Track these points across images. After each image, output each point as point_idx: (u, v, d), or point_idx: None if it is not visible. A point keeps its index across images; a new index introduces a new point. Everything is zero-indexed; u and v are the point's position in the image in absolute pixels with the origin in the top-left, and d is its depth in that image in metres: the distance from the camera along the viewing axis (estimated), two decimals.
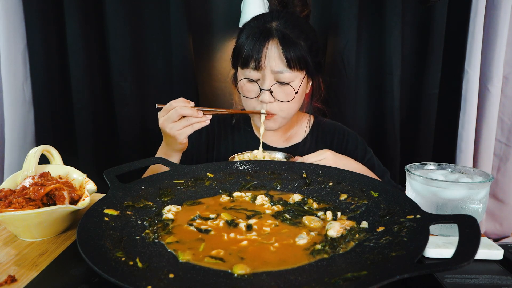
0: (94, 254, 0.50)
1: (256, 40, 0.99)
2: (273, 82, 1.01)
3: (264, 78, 1.01)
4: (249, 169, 0.87)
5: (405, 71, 1.57)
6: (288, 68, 0.99)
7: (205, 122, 0.97)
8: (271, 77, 1.00)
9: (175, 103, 0.95)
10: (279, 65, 0.99)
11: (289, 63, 0.98)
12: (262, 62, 0.98)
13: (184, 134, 0.96)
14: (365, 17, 1.52)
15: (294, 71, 1.00)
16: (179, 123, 0.95)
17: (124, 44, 1.57)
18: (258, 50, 0.98)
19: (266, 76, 1.00)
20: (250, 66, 1.00)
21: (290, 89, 1.01)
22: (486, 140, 1.60)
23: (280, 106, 1.04)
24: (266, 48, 0.98)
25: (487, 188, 0.70)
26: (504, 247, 0.64)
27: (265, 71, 0.99)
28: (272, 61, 0.98)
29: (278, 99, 1.02)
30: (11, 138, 1.56)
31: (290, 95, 1.02)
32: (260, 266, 0.53)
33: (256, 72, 1.01)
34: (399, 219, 0.59)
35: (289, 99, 1.02)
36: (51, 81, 1.61)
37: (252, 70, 1.00)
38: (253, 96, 1.04)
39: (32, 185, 0.70)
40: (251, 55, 0.99)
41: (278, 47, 0.98)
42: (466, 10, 1.49)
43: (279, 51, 0.98)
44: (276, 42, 0.98)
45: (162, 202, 0.74)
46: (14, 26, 1.50)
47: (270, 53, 0.98)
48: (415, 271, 0.42)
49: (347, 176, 0.79)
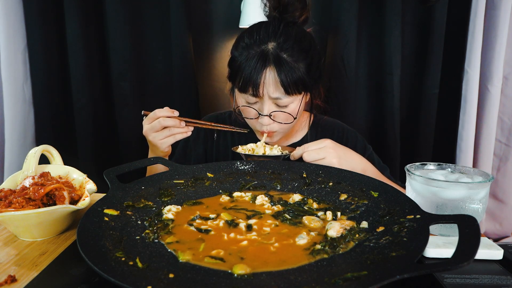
0: (94, 254, 0.50)
1: (253, 67, 0.97)
2: (271, 108, 1.01)
3: (263, 103, 1.01)
4: (249, 169, 0.87)
5: (405, 71, 1.57)
6: (286, 94, 0.98)
7: (187, 133, 1.00)
8: (270, 102, 1.01)
9: (159, 112, 0.97)
10: (277, 92, 0.98)
11: (287, 89, 0.97)
12: (260, 90, 0.98)
13: (166, 144, 0.99)
14: (365, 17, 1.52)
15: (292, 95, 0.99)
16: (161, 133, 0.98)
17: (124, 44, 1.57)
18: (256, 78, 0.97)
19: (264, 102, 1.00)
20: (248, 93, 1.00)
21: (289, 110, 1.02)
22: (486, 140, 1.60)
23: (279, 126, 1.05)
24: (263, 76, 0.97)
25: (487, 188, 0.70)
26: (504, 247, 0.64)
27: (263, 98, 1.00)
28: (269, 88, 0.98)
29: (277, 121, 1.04)
30: (11, 138, 1.56)
31: (289, 118, 1.03)
32: (260, 266, 0.53)
33: (254, 98, 1.01)
34: (399, 219, 0.59)
35: (288, 122, 1.04)
36: (51, 81, 1.61)
37: (251, 96, 1.00)
38: (253, 117, 1.05)
39: (32, 185, 0.70)
40: (249, 82, 0.98)
41: (275, 74, 0.96)
42: (466, 10, 1.49)
43: (276, 79, 0.97)
44: (273, 69, 0.96)
45: (162, 202, 0.74)
46: (14, 26, 1.51)
47: (267, 80, 0.97)
48: (415, 271, 0.42)
49: (347, 176, 0.79)
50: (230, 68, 1.07)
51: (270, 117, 1.02)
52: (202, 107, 1.69)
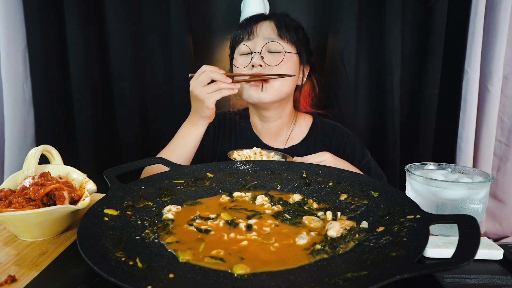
0: (94, 254, 0.50)
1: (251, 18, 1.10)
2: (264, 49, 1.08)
3: (255, 45, 1.08)
4: (249, 169, 0.87)
5: (405, 71, 1.57)
6: (279, 37, 1.07)
7: (234, 90, 1.00)
8: (262, 43, 1.07)
9: (206, 67, 0.99)
10: (271, 34, 1.07)
11: (280, 33, 1.07)
12: (254, 30, 1.07)
13: (212, 98, 0.98)
14: (365, 17, 1.52)
15: (284, 42, 1.08)
16: (208, 87, 0.98)
17: (124, 44, 1.57)
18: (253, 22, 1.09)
19: (257, 43, 1.08)
20: (243, 39, 1.09)
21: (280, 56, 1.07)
22: (486, 140, 1.59)
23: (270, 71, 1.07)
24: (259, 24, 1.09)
25: (487, 188, 0.70)
26: (504, 247, 0.64)
27: (256, 39, 1.08)
28: (264, 30, 1.08)
29: (268, 64, 1.07)
30: (11, 138, 1.56)
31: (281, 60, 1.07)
32: (260, 266, 0.53)
33: (249, 42, 1.08)
34: (399, 219, 0.59)
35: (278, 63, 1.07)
36: (51, 81, 1.61)
37: (246, 41, 1.08)
38: (244, 66, 1.09)
39: (32, 185, 0.70)
40: (246, 28, 1.09)
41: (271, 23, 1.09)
42: (466, 10, 1.49)
43: (272, 25, 1.08)
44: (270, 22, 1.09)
45: (162, 202, 0.74)
46: (14, 26, 1.50)
47: (263, 25, 1.09)
48: (415, 271, 0.42)
49: (347, 176, 0.79)
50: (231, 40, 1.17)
51: (261, 58, 1.06)
52: None
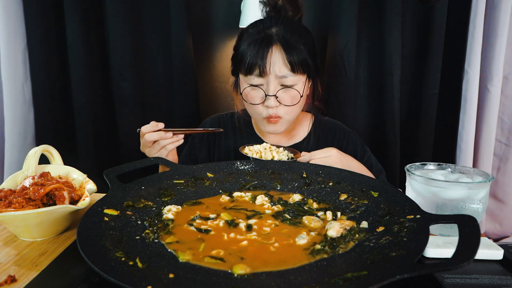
0: (94, 254, 0.50)
1: (259, 47, 1.00)
2: (278, 87, 1.02)
3: (268, 83, 1.02)
4: (249, 169, 0.87)
5: (405, 71, 1.57)
6: (292, 72, 1.00)
7: (178, 142, 1.03)
8: (276, 82, 1.02)
9: (144, 129, 1.02)
10: (283, 70, 1.00)
11: (293, 67, 1.00)
12: (266, 68, 0.99)
13: (162, 155, 1.02)
14: (365, 17, 1.52)
15: (297, 74, 1.01)
16: (153, 148, 1.02)
17: (124, 44, 1.57)
18: (262, 57, 0.99)
19: (270, 81, 1.01)
20: (254, 73, 1.01)
21: (294, 92, 1.03)
22: (486, 140, 1.60)
23: (285, 109, 1.05)
24: (270, 54, 0.99)
25: (487, 188, 0.70)
26: (504, 247, 0.64)
27: (269, 77, 1.01)
28: (276, 66, 0.99)
29: (283, 104, 1.04)
30: (11, 138, 1.56)
31: (295, 98, 1.03)
32: (260, 266, 0.53)
33: (260, 78, 1.02)
34: (399, 219, 0.59)
35: (294, 103, 1.04)
36: (51, 81, 1.61)
37: (256, 76, 1.02)
38: (258, 102, 1.05)
39: (32, 185, 0.70)
40: (255, 62, 1.00)
41: (281, 52, 0.99)
42: (466, 10, 1.49)
43: (283, 56, 0.99)
44: (279, 48, 0.99)
45: (162, 202, 0.74)
46: (14, 26, 1.51)
47: (274, 58, 0.99)
48: (415, 271, 0.42)
49: (347, 176, 0.79)
50: (234, 59, 1.09)
51: (276, 99, 1.02)
52: (202, 107, 1.69)
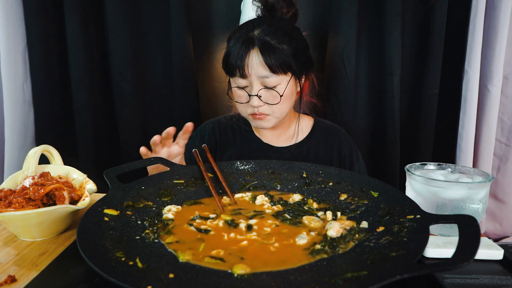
0: (94, 254, 0.50)
1: (238, 50, 1.02)
2: (259, 87, 1.04)
3: (251, 84, 1.04)
4: (249, 169, 0.87)
5: (405, 71, 1.57)
6: (272, 73, 1.02)
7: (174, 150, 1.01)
8: (258, 83, 1.03)
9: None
10: (262, 71, 1.01)
11: (272, 68, 1.01)
12: (246, 70, 1.02)
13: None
14: (365, 17, 1.52)
15: (279, 75, 1.03)
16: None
17: (124, 44, 1.57)
18: (241, 59, 1.01)
19: (253, 82, 1.03)
20: (236, 75, 1.04)
21: (277, 89, 1.04)
22: (486, 140, 1.59)
23: (271, 108, 1.06)
24: (248, 57, 1.01)
25: (487, 188, 0.70)
26: (504, 247, 0.64)
27: (251, 78, 1.03)
28: (255, 68, 1.02)
29: (266, 102, 1.05)
30: (11, 138, 1.56)
31: (277, 97, 1.05)
32: (260, 266, 0.53)
33: (243, 80, 1.04)
34: (399, 219, 0.59)
35: (277, 101, 1.05)
36: (51, 81, 1.61)
37: (239, 78, 1.04)
38: (244, 102, 1.07)
39: (32, 185, 0.70)
40: (236, 64, 1.02)
41: (259, 54, 1.01)
42: (466, 10, 1.49)
43: (260, 59, 1.01)
44: (257, 51, 1.01)
45: (162, 202, 0.74)
46: (14, 26, 1.50)
47: (251, 61, 1.01)
48: (415, 271, 0.42)
49: (347, 176, 0.79)
50: (223, 59, 1.10)
51: (259, 98, 1.04)
52: (202, 107, 1.69)
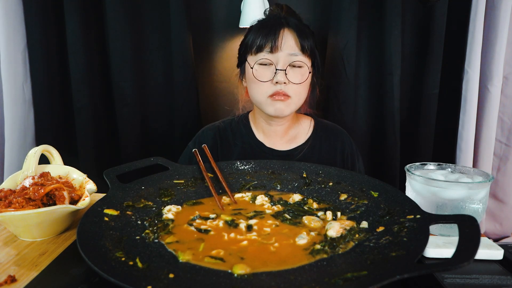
0: (94, 254, 0.50)
1: (271, 27, 1.06)
2: (287, 64, 1.05)
3: (278, 59, 1.05)
4: (249, 169, 0.87)
5: (405, 71, 1.57)
6: (302, 52, 1.05)
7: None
8: (286, 60, 1.05)
9: None
10: (294, 48, 1.05)
11: (303, 48, 1.05)
12: (278, 43, 1.04)
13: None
14: (365, 17, 1.52)
15: (306, 56, 1.06)
16: None
17: (124, 44, 1.57)
18: (275, 33, 1.04)
19: (280, 58, 1.05)
20: (264, 50, 1.05)
21: (303, 70, 1.06)
22: (486, 140, 1.59)
23: (294, 88, 1.07)
24: (282, 32, 1.05)
25: (487, 188, 0.70)
26: (504, 247, 0.64)
27: (279, 54, 1.04)
28: (288, 44, 1.04)
29: (292, 81, 1.05)
30: (11, 138, 1.56)
31: (304, 76, 1.06)
32: (260, 266, 0.53)
33: (271, 55, 1.05)
34: (399, 219, 0.59)
35: (302, 80, 1.06)
36: (51, 81, 1.61)
37: (267, 53, 1.05)
38: (266, 79, 1.06)
39: (32, 185, 0.70)
40: (267, 38, 1.05)
41: (294, 34, 1.05)
42: (466, 10, 1.49)
43: (294, 37, 1.05)
44: (291, 31, 1.06)
45: (162, 202, 0.74)
46: (14, 26, 1.50)
47: (286, 37, 1.05)
48: (415, 271, 0.42)
49: (347, 176, 0.79)
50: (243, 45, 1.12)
51: (285, 75, 1.05)
52: (202, 107, 1.69)
